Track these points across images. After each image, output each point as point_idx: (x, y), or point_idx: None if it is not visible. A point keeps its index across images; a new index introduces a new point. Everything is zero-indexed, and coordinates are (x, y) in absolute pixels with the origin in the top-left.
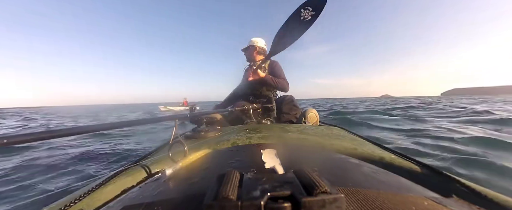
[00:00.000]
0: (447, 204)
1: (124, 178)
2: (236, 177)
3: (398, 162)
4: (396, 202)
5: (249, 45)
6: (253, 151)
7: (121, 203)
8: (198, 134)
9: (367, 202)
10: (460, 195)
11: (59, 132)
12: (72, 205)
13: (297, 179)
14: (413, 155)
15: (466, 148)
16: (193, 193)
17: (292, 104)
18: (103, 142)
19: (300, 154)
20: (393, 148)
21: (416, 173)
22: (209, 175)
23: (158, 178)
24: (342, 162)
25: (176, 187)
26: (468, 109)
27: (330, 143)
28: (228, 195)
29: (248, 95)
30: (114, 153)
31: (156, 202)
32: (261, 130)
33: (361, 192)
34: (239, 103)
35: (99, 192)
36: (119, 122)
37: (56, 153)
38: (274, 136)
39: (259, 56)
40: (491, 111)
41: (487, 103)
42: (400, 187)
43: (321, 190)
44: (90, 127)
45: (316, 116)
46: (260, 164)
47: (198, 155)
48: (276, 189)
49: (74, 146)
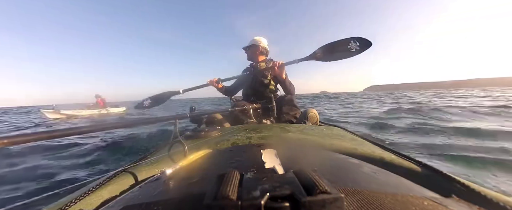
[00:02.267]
0: (447, 204)
1: (124, 178)
2: (236, 177)
3: (398, 162)
4: (396, 202)
5: (252, 44)
6: (253, 151)
7: (121, 203)
8: (198, 134)
9: (367, 202)
10: (460, 195)
11: (59, 132)
12: (72, 205)
13: (297, 179)
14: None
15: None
16: (193, 193)
17: (292, 104)
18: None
19: (300, 154)
20: (393, 147)
21: (416, 173)
22: (209, 175)
23: (158, 178)
24: (342, 162)
25: (176, 187)
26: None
27: (330, 143)
28: (228, 195)
29: (249, 96)
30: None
31: (156, 202)
32: (261, 130)
33: (361, 192)
34: (239, 103)
35: (99, 192)
36: (119, 122)
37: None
38: (274, 136)
39: (261, 56)
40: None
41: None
42: (400, 187)
43: (321, 190)
44: (90, 127)
45: (316, 116)
46: (260, 164)
47: (198, 155)
48: (276, 189)
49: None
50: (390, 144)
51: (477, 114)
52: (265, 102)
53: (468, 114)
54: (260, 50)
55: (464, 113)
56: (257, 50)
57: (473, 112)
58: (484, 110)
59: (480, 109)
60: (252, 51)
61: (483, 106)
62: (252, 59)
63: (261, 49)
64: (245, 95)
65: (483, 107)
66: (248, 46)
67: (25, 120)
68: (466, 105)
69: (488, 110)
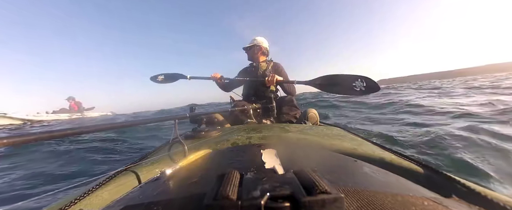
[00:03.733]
0: (447, 204)
1: (124, 178)
2: (236, 177)
3: (398, 162)
4: (396, 202)
5: (253, 44)
6: (253, 151)
7: (121, 203)
8: (198, 134)
9: (367, 202)
10: (460, 195)
11: (59, 132)
12: (72, 205)
13: (297, 179)
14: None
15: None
16: (193, 193)
17: (291, 104)
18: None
19: (300, 154)
20: (393, 147)
21: (416, 173)
22: (209, 175)
23: (158, 178)
24: (342, 162)
25: (176, 187)
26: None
27: (330, 143)
28: (228, 195)
29: (250, 96)
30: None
31: (156, 202)
32: (261, 130)
33: (361, 192)
34: (239, 103)
35: (99, 192)
36: (119, 122)
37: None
38: (274, 136)
39: (262, 57)
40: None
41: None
42: (400, 187)
43: (321, 190)
44: (90, 127)
45: (316, 116)
46: (260, 164)
47: (198, 155)
48: (276, 189)
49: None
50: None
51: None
52: (265, 103)
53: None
54: (261, 51)
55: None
56: (259, 50)
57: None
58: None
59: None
60: (253, 51)
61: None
62: (252, 59)
63: (263, 49)
64: (245, 96)
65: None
66: (249, 46)
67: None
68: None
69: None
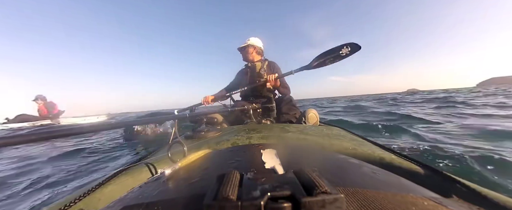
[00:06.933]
0: (447, 204)
1: (123, 178)
2: (236, 177)
3: (398, 162)
4: (396, 202)
5: (247, 45)
6: (253, 151)
7: (121, 203)
8: (197, 134)
9: (367, 202)
10: (460, 195)
11: (59, 132)
12: (72, 205)
13: (297, 179)
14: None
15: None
16: (193, 193)
17: (291, 104)
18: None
19: (300, 154)
20: (395, 148)
21: (416, 173)
22: (209, 175)
23: (158, 178)
24: (342, 162)
25: (176, 187)
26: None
27: (330, 143)
28: (228, 195)
29: (248, 96)
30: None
31: (156, 202)
32: (261, 130)
33: (361, 192)
34: (239, 103)
35: (99, 192)
36: (119, 122)
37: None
38: (274, 136)
39: (257, 57)
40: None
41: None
42: (400, 187)
43: (321, 190)
44: (89, 127)
45: (316, 116)
46: (260, 164)
47: (197, 155)
48: (276, 189)
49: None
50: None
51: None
52: (265, 103)
53: None
54: (256, 51)
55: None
56: (254, 50)
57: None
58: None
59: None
60: (247, 52)
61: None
62: (247, 60)
63: (257, 49)
64: (243, 96)
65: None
66: (243, 46)
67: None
68: None
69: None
